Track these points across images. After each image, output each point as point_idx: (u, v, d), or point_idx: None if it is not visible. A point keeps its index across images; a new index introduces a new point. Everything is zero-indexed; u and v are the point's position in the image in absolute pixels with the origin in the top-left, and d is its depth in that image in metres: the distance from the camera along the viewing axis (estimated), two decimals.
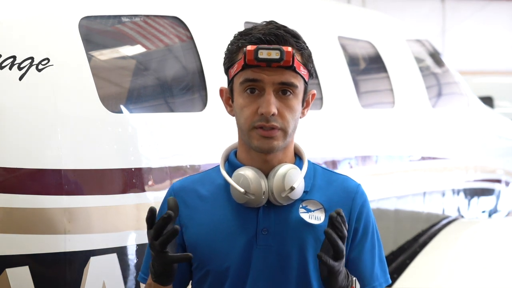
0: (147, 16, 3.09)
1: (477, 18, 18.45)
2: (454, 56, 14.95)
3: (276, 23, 2.11)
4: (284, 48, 2.02)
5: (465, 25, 18.38)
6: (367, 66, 4.88)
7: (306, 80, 2.10)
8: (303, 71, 2.07)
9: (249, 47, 2.03)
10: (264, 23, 2.11)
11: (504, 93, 12.94)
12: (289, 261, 2.07)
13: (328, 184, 2.16)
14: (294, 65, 2.03)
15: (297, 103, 2.09)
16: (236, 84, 2.08)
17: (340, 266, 1.98)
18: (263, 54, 2.02)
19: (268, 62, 2.02)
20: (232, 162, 2.16)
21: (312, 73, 2.13)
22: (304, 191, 2.14)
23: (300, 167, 2.14)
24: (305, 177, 2.14)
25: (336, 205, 2.11)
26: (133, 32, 3.03)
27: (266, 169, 2.11)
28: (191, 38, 3.18)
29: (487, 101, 9.65)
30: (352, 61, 4.59)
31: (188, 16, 3.24)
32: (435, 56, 5.83)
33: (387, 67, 4.84)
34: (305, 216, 2.12)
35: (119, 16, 3.01)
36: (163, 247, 1.95)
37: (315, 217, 2.12)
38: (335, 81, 4.22)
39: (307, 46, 2.11)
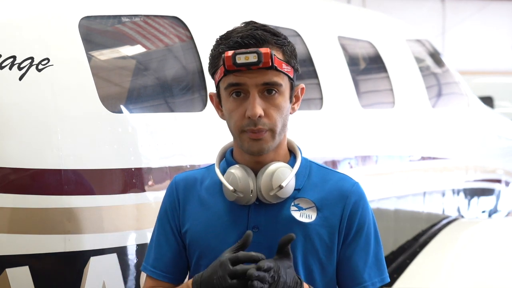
0: (147, 16, 3.09)
1: (477, 18, 18.45)
2: (454, 56, 14.95)
3: (255, 23, 2.11)
4: (262, 50, 2.02)
5: (465, 25, 18.38)
6: (367, 66, 4.88)
7: (291, 76, 2.09)
8: (286, 68, 2.07)
9: (227, 54, 2.03)
10: (243, 24, 2.11)
11: (504, 93, 12.95)
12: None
13: (322, 182, 2.17)
14: (275, 64, 2.03)
15: (283, 101, 2.09)
16: (222, 89, 2.10)
17: None
18: (241, 59, 2.03)
19: (247, 66, 2.02)
20: (228, 160, 2.19)
21: (297, 68, 2.12)
22: (296, 189, 2.14)
23: (293, 165, 2.14)
24: (298, 175, 2.15)
25: (329, 204, 2.13)
26: (133, 32, 3.03)
27: (258, 168, 2.13)
28: (191, 38, 3.18)
29: (487, 101, 9.64)
30: (352, 61, 4.58)
31: (188, 16, 3.24)
32: (435, 56, 5.83)
33: (387, 67, 4.84)
34: (296, 214, 2.13)
35: (119, 16, 3.01)
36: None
37: (307, 215, 2.13)
38: (335, 81, 4.22)
39: (289, 42, 2.11)
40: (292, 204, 2.14)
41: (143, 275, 2.76)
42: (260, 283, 1.91)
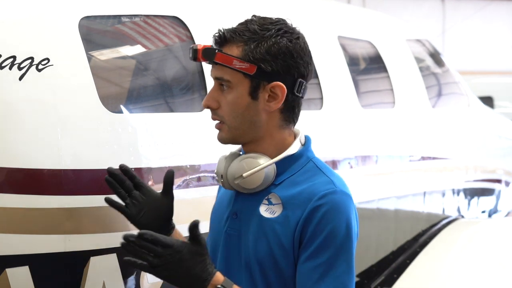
0: (147, 16, 3.09)
1: (477, 18, 18.46)
2: (454, 56, 14.95)
3: (254, 16, 2.21)
4: (198, 46, 2.16)
5: (465, 25, 18.39)
6: (367, 66, 4.87)
7: (249, 73, 2.12)
8: (238, 64, 2.11)
9: None
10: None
11: (504, 93, 12.95)
12: (240, 248, 2.17)
13: (305, 182, 2.15)
14: (215, 60, 2.13)
15: (236, 97, 2.14)
16: None
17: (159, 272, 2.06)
18: (189, 54, 2.21)
19: (192, 60, 2.19)
20: None
21: (261, 66, 2.12)
22: (274, 183, 2.16)
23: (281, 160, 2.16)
24: (284, 170, 2.17)
25: (294, 204, 2.12)
26: (133, 32, 3.03)
27: None
28: (191, 38, 3.18)
29: (487, 101, 9.64)
30: (352, 61, 4.58)
31: (188, 16, 3.24)
32: (435, 56, 5.83)
33: (387, 67, 4.84)
34: (263, 207, 2.16)
35: (119, 16, 3.01)
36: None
37: (271, 211, 2.15)
38: (335, 81, 4.22)
39: (267, 38, 2.13)
40: (266, 197, 2.16)
41: (143, 275, 2.77)
42: (140, 249, 2.05)
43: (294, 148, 2.19)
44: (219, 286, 2.05)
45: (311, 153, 2.23)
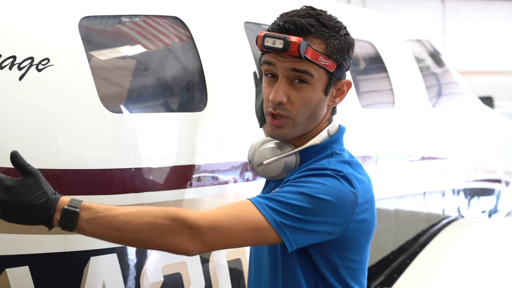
0: (147, 16, 3.09)
1: (477, 18, 18.46)
2: (454, 56, 14.95)
3: (312, 9, 2.12)
4: (292, 38, 2.01)
5: (465, 25, 18.39)
6: (367, 66, 4.87)
7: (330, 70, 2.08)
8: (323, 61, 2.06)
9: (261, 34, 2.05)
10: (304, 7, 2.13)
11: (504, 93, 12.96)
12: None
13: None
14: (305, 55, 2.02)
15: (313, 92, 2.08)
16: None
17: None
18: (269, 42, 2.03)
19: (273, 50, 2.03)
20: None
21: (342, 64, 2.11)
22: (291, 173, 2.15)
23: (303, 151, 2.14)
24: (308, 160, 2.15)
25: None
26: (133, 32, 3.03)
27: None
28: (191, 38, 3.18)
29: (487, 101, 9.64)
30: (352, 61, 4.58)
31: (188, 16, 3.24)
32: (435, 56, 5.83)
33: (387, 67, 4.84)
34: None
35: (119, 16, 3.01)
36: None
37: None
38: None
39: (340, 36, 2.12)
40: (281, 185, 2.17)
41: (143, 275, 2.77)
42: None
43: (318, 138, 2.16)
44: (66, 207, 1.96)
45: (337, 145, 2.20)
